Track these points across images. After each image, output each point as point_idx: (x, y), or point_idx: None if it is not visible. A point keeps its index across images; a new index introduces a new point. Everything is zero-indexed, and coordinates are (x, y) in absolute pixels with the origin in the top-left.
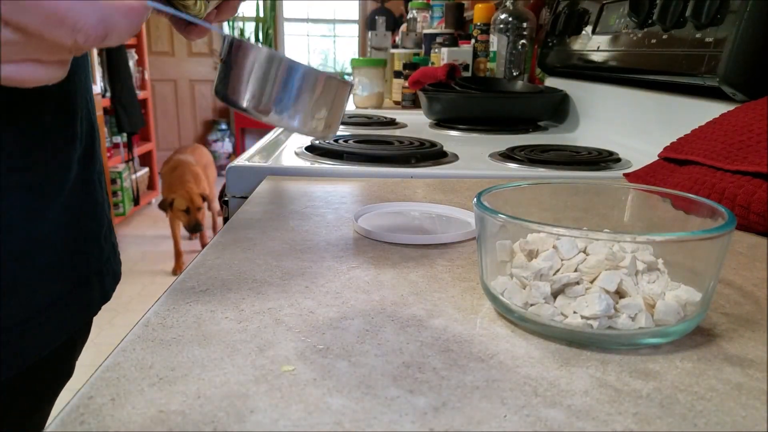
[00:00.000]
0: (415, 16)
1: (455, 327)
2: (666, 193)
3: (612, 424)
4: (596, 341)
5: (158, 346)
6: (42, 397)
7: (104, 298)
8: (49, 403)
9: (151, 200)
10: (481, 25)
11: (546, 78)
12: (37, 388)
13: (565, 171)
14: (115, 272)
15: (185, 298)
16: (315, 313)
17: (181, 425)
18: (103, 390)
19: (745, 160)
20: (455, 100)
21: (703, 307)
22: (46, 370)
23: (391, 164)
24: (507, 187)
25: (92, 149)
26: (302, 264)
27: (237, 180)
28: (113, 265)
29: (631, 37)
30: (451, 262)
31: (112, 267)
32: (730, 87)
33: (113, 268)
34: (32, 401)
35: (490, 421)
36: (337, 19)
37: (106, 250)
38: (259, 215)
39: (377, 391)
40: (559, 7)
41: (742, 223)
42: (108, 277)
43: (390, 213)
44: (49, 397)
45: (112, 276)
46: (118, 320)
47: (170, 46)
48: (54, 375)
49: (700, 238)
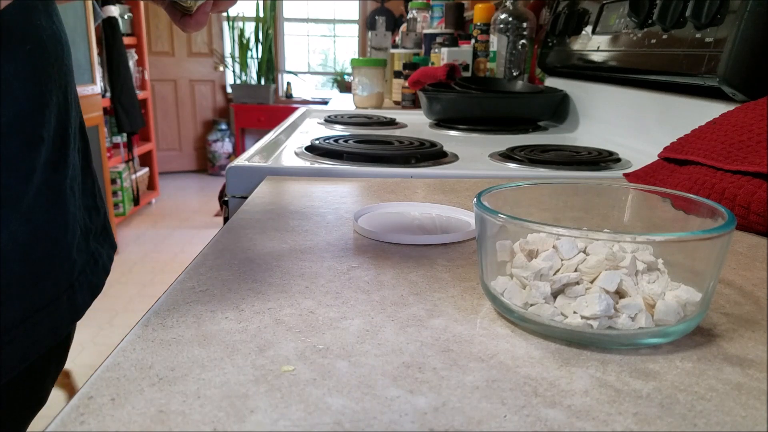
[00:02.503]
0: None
1: (455, 327)
2: (666, 193)
3: (612, 424)
4: (596, 341)
5: (158, 346)
6: (6, 427)
7: (75, 315)
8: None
9: (151, 200)
10: (481, 25)
11: (546, 78)
12: (1, 417)
13: (565, 171)
14: (93, 285)
15: (185, 298)
16: (315, 313)
17: (181, 425)
18: (103, 390)
19: (745, 160)
20: (455, 100)
21: (703, 307)
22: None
23: (391, 164)
24: (507, 187)
25: (63, 153)
26: (302, 264)
27: (237, 180)
28: (90, 277)
29: (631, 37)
30: (451, 262)
31: (87, 279)
32: (730, 87)
33: (90, 280)
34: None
35: (490, 421)
36: (337, 19)
37: (80, 262)
38: (259, 215)
39: (377, 391)
40: (559, 7)
41: (742, 223)
42: (82, 291)
43: (390, 213)
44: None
45: (89, 289)
46: (118, 320)
47: (170, 46)
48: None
49: (700, 238)
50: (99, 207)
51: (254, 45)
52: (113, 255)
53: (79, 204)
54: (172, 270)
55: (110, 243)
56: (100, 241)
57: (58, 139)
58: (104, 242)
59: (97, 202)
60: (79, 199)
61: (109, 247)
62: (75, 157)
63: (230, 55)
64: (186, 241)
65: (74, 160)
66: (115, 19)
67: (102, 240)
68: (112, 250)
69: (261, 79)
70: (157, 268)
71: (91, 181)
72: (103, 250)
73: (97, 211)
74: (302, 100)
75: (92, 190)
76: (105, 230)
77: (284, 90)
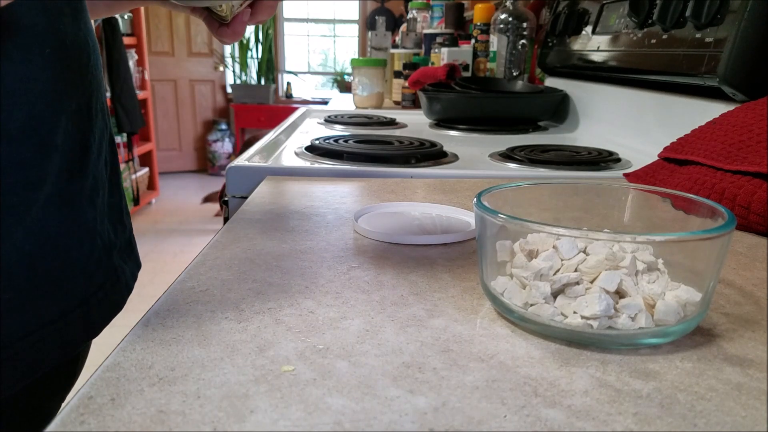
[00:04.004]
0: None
1: (455, 327)
2: (666, 193)
3: (612, 424)
4: (596, 341)
5: (158, 346)
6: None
7: (90, 332)
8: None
9: (151, 200)
10: (481, 25)
11: (546, 78)
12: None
13: (565, 171)
14: (114, 302)
15: (185, 298)
16: (315, 313)
17: (181, 425)
18: (103, 390)
19: (745, 160)
20: (455, 100)
21: (703, 307)
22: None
23: (391, 164)
24: (507, 187)
25: (82, 162)
26: (302, 264)
27: (237, 180)
28: (111, 294)
29: (631, 37)
30: (451, 262)
31: (107, 296)
32: (730, 87)
33: (110, 297)
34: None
35: (490, 421)
36: (337, 19)
37: (99, 277)
38: (259, 215)
39: (377, 391)
40: (559, 7)
41: (742, 223)
42: (100, 308)
43: (390, 213)
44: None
45: (108, 306)
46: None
47: (170, 46)
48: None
49: (700, 238)
50: (125, 223)
51: (254, 45)
52: (137, 273)
53: (103, 218)
54: (172, 270)
55: (135, 260)
56: (124, 257)
57: (76, 147)
58: (128, 259)
59: (124, 218)
60: (103, 213)
61: (134, 265)
62: (100, 168)
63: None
64: (186, 241)
65: (97, 171)
66: (115, 19)
67: (126, 257)
68: (137, 268)
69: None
70: (157, 268)
71: (119, 195)
72: (126, 266)
73: (124, 227)
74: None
75: (119, 206)
76: (130, 246)
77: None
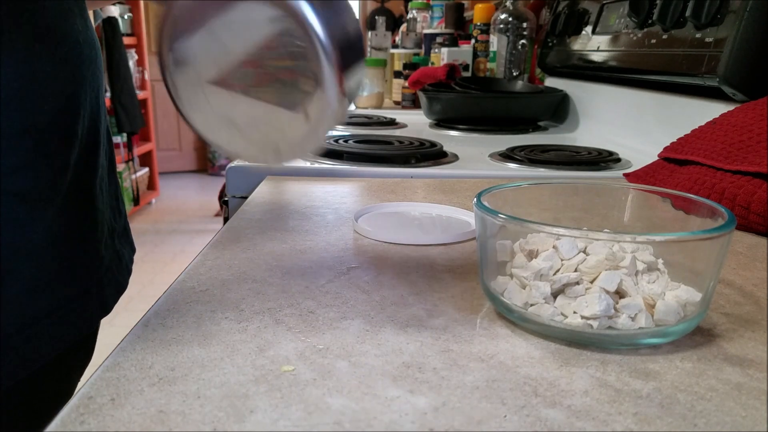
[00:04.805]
0: (415, 16)
1: (455, 327)
2: (666, 193)
3: (612, 424)
4: (596, 341)
5: (158, 346)
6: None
7: (104, 310)
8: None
9: (151, 200)
10: (481, 25)
11: (546, 78)
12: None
13: (565, 171)
14: (119, 283)
15: (185, 298)
16: (315, 313)
17: (181, 425)
18: (103, 390)
19: (745, 160)
20: (455, 100)
21: (703, 307)
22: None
23: (391, 164)
24: (507, 187)
25: (94, 153)
26: (302, 264)
27: (237, 180)
28: (116, 275)
29: (631, 37)
30: (451, 262)
31: (114, 277)
32: (730, 87)
33: (116, 278)
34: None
35: (490, 421)
36: None
37: (107, 259)
38: (259, 215)
39: (377, 391)
40: (559, 7)
41: (742, 223)
42: (110, 288)
43: (390, 213)
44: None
45: (115, 286)
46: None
47: None
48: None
49: (700, 238)
50: (121, 209)
51: None
52: (133, 256)
53: (106, 204)
54: (172, 270)
55: (131, 244)
56: (122, 242)
57: (91, 138)
58: (126, 243)
59: (120, 205)
60: (106, 200)
61: (130, 249)
62: (103, 158)
63: None
64: (186, 241)
65: (102, 162)
66: (115, 19)
67: (124, 241)
68: (132, 252)
69: None
70: (157, 268)
71: (115, 184)
72: (125, 250)
73: (120, 213)
74: None
75: (116, 193)
76: (126, 231)
77: None
